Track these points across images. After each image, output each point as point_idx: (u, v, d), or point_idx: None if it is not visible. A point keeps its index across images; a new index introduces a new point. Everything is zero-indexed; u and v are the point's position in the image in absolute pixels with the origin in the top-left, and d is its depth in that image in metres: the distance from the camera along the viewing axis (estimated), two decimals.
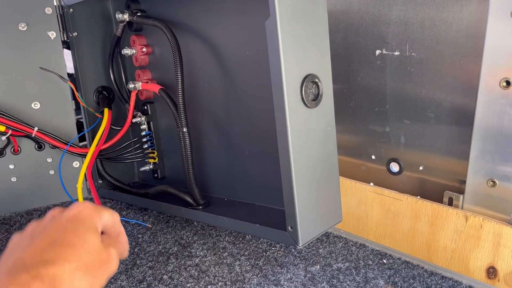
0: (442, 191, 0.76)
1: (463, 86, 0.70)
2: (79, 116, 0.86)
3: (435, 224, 0.74)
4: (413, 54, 0.75)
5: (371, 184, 0.83)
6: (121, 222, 0.73)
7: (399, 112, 0.79)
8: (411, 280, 0.56)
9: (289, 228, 0.53)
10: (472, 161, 0.69)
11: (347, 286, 0.56)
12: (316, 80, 0.52)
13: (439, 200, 0.76)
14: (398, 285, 0.56)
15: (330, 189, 0.56)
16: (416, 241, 0.77)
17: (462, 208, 0.73)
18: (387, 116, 0.81)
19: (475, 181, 0.70)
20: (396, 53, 0.77)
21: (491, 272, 0.69)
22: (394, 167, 0.83)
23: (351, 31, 0.82)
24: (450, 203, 0.74)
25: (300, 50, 0.50)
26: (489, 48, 0.64)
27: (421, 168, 0.79)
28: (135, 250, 0.66)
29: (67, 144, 0.77)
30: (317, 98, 0.53)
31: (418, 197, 0.77)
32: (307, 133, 0.52)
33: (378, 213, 0.81)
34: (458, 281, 0.56)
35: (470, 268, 0.71)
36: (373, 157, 0.86)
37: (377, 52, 0.79)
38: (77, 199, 0.72)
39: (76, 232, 0.39)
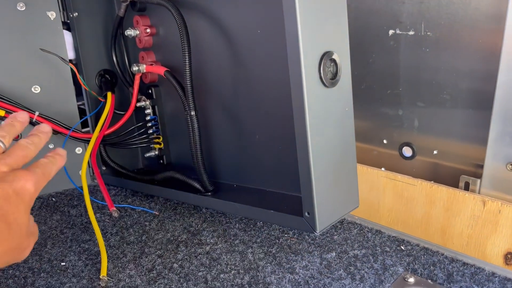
0: (457, 176, 0.74)
1: (482, 67, 0.68)
2: (80, 103, 0.83)
3: (451, 210, 0.72)
4: (428, 33, 0.72)
5: (383, 169, 0.81)
6: (128, 210, 0.72)
7: (413, 94, 0.77)
8: (431, 267, 0.54)
9: (306, 213, 0.51)
10: (490, 144, 0.67)
11: (365, 274, 0.53)
12: (335, 58, 0.49)
13: (454, 185, 0.73)
14: (418, 272, 0.54)
15: (347, 173, 0.54)
16: (430, 227, 0.75)
17: (479, 193, 0.71)
18: (400, 99, 0.79)
19: (493, 164, 0.68)
20: (411, 32, 0.74)
21: (509, 258, 0.67)
22: (407, 151, 0.81)
23: (363, 10, 0.79)
24: (467, 187, 0.72)
25: (318, 26, 0.47)
26: (511, 27, 0.61)
27: (435, 152, 0.77)
28: (143, 238, 0.63)
29: (69, 130, 0.74)
30: (335, 77, 0.50)
31: (432, 182, 0.74)
32: (325, 114, 0.49)
33: (391, 199, 0.79)
34: (480, 267, 0.53)
35: (487, 254, 0.69)
36: (384, 141, 0.84)
37: (390, 32, 0.76)
38: (81, 186, 0.69)
39: (17, 209, 0.37)
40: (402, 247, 0.59)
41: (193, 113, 0.65)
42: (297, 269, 0.55)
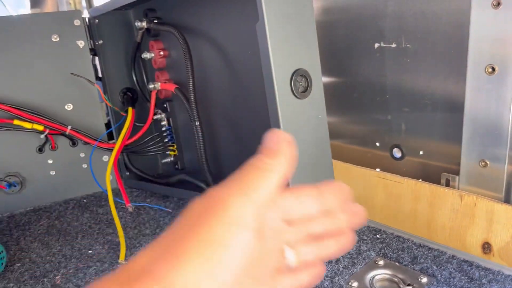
0: (441, 173, 0.81)
1: (455, 74, 0.75)
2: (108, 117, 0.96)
3: (434, 204, 0.79)
4: (408, 45, 0.80)
5: (378, 169, 0.89)
6: (146, 208, 0.83)
7: (398, 101, 0.84)
8: (400, 252, 0.62)
9: None
10: (464, 144, 0.74)
11: (341, 258, 0.62)
12: (305, 73, 0.59)
13: (439, 182, 0.80)
14: (388, 256, 0.62)
15: (323, 171, 0.63)
16: (417, 221, 0.82)
17: (458, 189, 0.77)
18: (388, 105, 0.86)
19: (468, 162, 0.74)
20: (393, 45, 0.82)
21: (486, 247, 0.73)
22: (397, 152, 0.88)
23: (352, 26, 0.88)
24: (447, 184, 0.79)
25: (288, 48, 0.57)
26: (474, 37, 0.68)
27: (421, 152, 0.84)
28: (157, 231, 0.74)
29: (96, 140, 0.87)
30: (306, 90, 0.59)
31: (420, 180, 0.81)
32: (298, 121, 0.59)
33: (382, 196, 0.86)
34: (443, 251, 0.61)
35: (467, 244, 0.75)
36: (377, 144, 0.91)
37: (376, 45, 0.84)
38: (106, 189, 0.81)
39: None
40: (378, 236, 0.67)
41: (197, 123, 0.75)
42: None
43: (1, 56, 0.83)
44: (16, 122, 0.81)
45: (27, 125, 0.82)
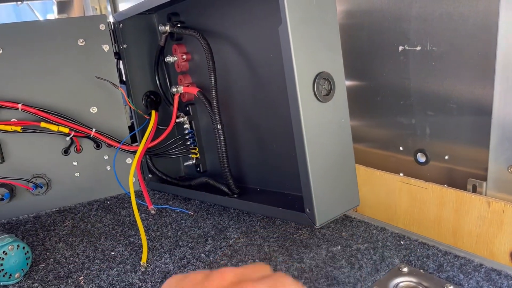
0: (467, 179, 0.79)
1: (482, 76, 0.73)
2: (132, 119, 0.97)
3: (460, 211, 0.77)
4: (433, 48, 0.78)
5: (401, 174, 0.87)
6: (168, 211, 0.84)
7: (423, 104, 0.83)
8: (425, 259, 0.61)
9: (307, 210, 0.60)
10: (492, 149, 0.72)
11: (364, 264, 0.61)
12: (328, 77, 0.58)
13: (465, 188, 0.78)
14: (412, 264, 0.60)
15: (345, 175, 0.62)
16: (442, 227, 0.80)
17: (485, 195, 0.75)
18: (412, 108, 0.85)
19: (496, 168, 0.72)
20: (418, 48, 0.81)
21: None
22: (421, 157, 0.87)
23: (375, 29, 0.86)
24: (474, 190, 0.77)
25: (311, 51, 0.56)
26: (502, 39, 0.67)
27: (446, 157, 0.82)
28: (178, 233, 0.74)
29: (120, 143, 0.88)
30: (329, 93, 0.59)
31: (445, 185, 0.80)
32: (320, 124, 0.58)
33: (406, 202, 0.85)
34: (470, 259, 0.59)
35: (494, 252, 0.73)
36: (401, 148, 0.90)
37: (400, 48, 0.83)
38: (129, 191, 0.82)
39: None
40: (402, 242, 0.65)
41: (219, 126, 0.75)
42: (304, 259, 0.63)
43: (29, 60, 0.85)
44: (43, 124, 0.83)
45: (54, 127, 0.83)
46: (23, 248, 0.64)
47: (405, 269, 0.59)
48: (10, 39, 0.83)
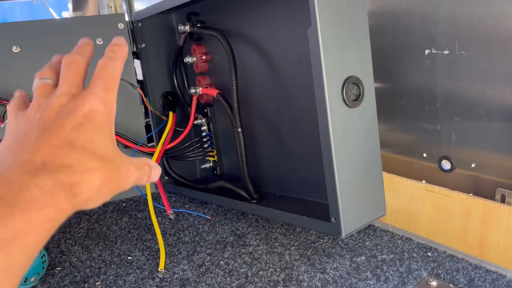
0: (496, 188, 0.76)
1: None
2: (148, 119, 0.95)
3: (487, 221, 0.74)
4: (462, 52, 0.76)
5: (423, 181, 0.85)
6: (185, 214, 0.82)
7: (449, 110, 0.80)
8: (454, 273, 0.58)
9: (333, 219, 0.57)
10: None
11: (390, 276, 0.59)
12: (357, 81, 0.56)
13: (493, 198, 0.76)
14: (441, 277, 0.58)
15: (372, 184, 0.60)
16: (468, 238, 0.77)
17: None
18: (437, 114, 0.82)
19: None
20: (446, 52, 0.78)
21: None
22: (446, 164, 0.84)
23: (400, 31, 0.84)
24: (503, 200, 0.74)
25: (340, 54, 0.54)
26: None
27: (473, 165, 0.79)
28: (196, 239, 0.73)
29: (137, 144, 0.86)
30: (358, 98, 0.56)
31: (471, 194, 0.77)
32: (349, 131, 0.56)
33: (429, 210, 0.82)
34: (502, 274, 0.57)
35: None
36: (424, 155, 0.87)
37: (426, 51, 0.81)
38: (146, 194, 0.80)
39: (95, 135, 0.32)
40: (429, 254, 0.63)
41: (239, 129, 0.74)
42: (328, 269, 0.61)
43: (46, 59, 0.83)
44: None
45: None
46: (40, 251, 0.62)
47: (434, 283, 0.57)
48: (28, 37, 0.82)
